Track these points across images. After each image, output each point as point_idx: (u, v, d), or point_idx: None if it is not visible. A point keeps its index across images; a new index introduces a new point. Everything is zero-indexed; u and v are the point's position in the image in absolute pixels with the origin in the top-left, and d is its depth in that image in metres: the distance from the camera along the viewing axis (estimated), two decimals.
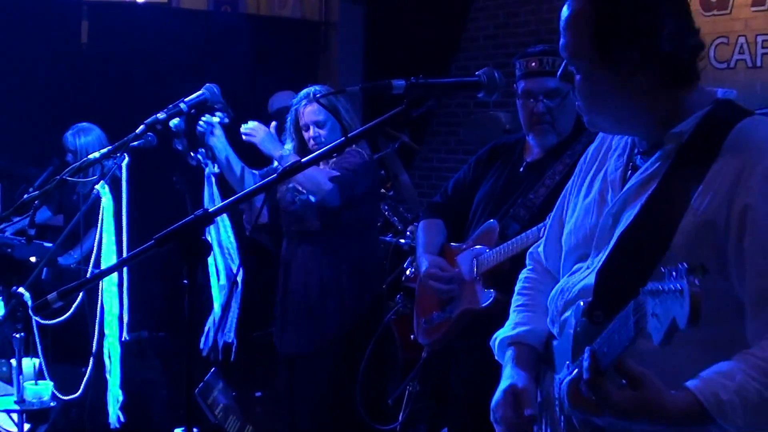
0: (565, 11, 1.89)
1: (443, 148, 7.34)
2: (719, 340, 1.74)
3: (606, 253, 1.89)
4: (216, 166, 3.79)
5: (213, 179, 3.73)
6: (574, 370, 1.82)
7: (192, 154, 3.67)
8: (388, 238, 5.61)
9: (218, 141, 3.84)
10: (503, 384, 2.06)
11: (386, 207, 5.82)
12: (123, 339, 3.34)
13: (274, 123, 4.11)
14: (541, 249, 2.30)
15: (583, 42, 1.85)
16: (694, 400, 1.64)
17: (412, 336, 5.26)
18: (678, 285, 1.45)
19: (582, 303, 1.87)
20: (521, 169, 3.38)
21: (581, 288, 1.95)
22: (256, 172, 4.16)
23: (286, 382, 4.19)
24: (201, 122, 3.78)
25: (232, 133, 3.95)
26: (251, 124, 4.01)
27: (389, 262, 5.51)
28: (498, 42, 7.05)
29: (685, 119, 1.85)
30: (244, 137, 4.00)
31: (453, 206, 3.66)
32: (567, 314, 1.97)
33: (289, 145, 4.07)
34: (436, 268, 3.48)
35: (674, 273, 1.48)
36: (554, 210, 2.25)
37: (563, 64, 1.93)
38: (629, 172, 1.96)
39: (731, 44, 5.61)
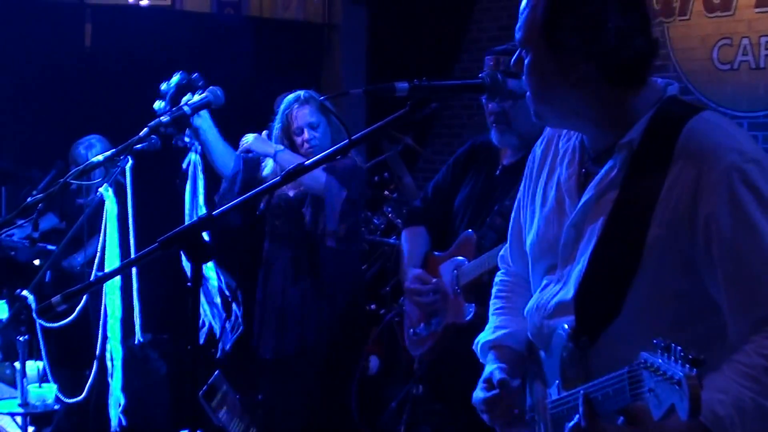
0: (524, 1, 1.91)
1: (446, 149, 7.33)
2: (700, 339, 1.75)
3: (579, 274, 1.89)
4: (200, 150, 3.70)
5: (199, 168, 3.64)
6: (567, 402, 1.84)
7: (179, 135, 3.58)
8: (391, 240, 5.61)
9: (204, 122, 3.72)
10: (480, 379, 2.11)
11: (389, 209, 5.83)
12: (137, 341, 3.34)
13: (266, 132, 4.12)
14: (507, 253, 2.31)
15: (533, 26, 1.87)
16: (694, 421, 1.63)
17: None
18: (675, 375, 1.46)
19: (566, 326, 1.88)
20: (497, 173, 3.34)
21: (556, 304, 1.96)
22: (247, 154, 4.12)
23: (265, 387, 4.16)
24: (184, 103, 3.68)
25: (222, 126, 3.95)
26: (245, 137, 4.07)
27: (392, 264, 5.51)
28: (501, 43, 7.03)
29: (632, 123, 1.85)
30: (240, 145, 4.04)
31: (434, 211, 3.61)
32: (547, 332, 1.98)
33: (280, 147, 4.02)
34: (417, 282, 3.45)
35: (667, 350, 1.49)
36: (513, 212, 2.26)
37: (516, 53, 1.95)
38: (582, 179, 1.96)
39: (734, 45, 5.61)
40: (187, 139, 3.62)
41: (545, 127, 3.21)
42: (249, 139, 4.04)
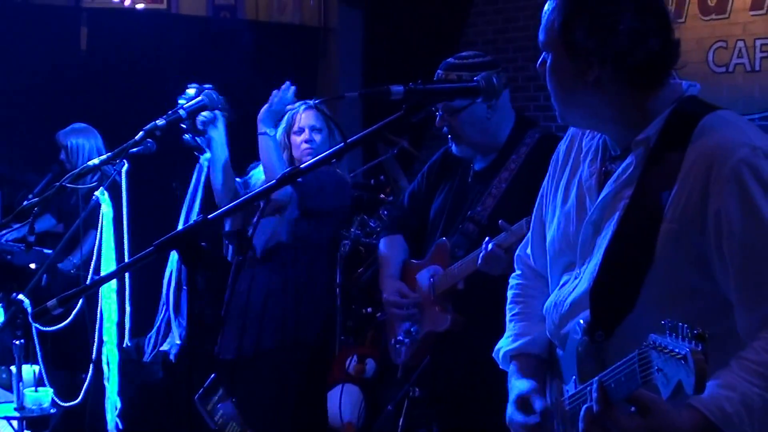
0: (547, 5, 1.94)
1: None
2: (715, 339, 1.75)
3: (594, 269, 1.91)
4: (207, 160, 3.70)
5: (203, 174, 3.64)
6: (583, 395, 1.84)
7: (191, 136, 3.57)
8: None
9: (218, 134, 3.74)
10: (511, 397, 2.09)
11: (386, 212, 5.83)
12: (124, 345, 3.34)
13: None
14: (529, 251, 2.31)
15: (552, 29, 1.90)
16: (702, 418, 1.66)
17: None
18: (682, 350, 1.49)
19: (582, 321, 1.89)
20: (470, 179, 3.34)
21: (573, 301, 1.97)
22: (239, 180, 4.12)
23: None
24: (203, 115, 3.68)
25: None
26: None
27: None
28: (497, 47, 7.06)
29: (650, 122, 1.87)
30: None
31: (410, 219, 3.61)
32: (565, 329, 1.99)
33: (276, 131, 3.99)
34: (396, 294, 3.45)
35: (675, 330, 1.52)
36: (534, 211, 2.27)
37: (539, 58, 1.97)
38: (602, 177, 1.98)
39: (730, 48, 5.63)
40: (198, 140, 3.62)
41: (498, 135, 3.26)
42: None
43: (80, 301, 3.29)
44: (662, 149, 1.84)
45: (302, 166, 2.06)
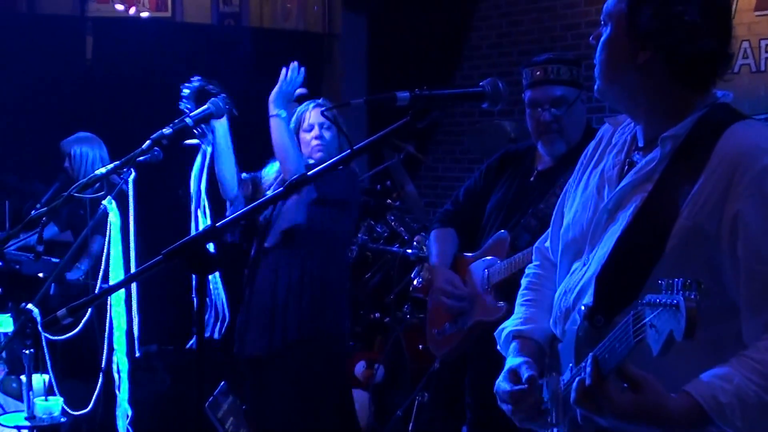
0: None
1: (448, 157, 7.35)
2: (715, 340, 1.78)
3: (604, 256, 1.93)
4: (210, 146, 3.70)
5: (206, 157, 3.63)
6: (577, 376, 1.84)
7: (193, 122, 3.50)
8: (394, 249, 5.62)
9: (220, 127, 3.75)
10: (505, 369, 2.12)
11: (392, 217, 5.84)
12: (136, 355, 3.34)
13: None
14: (547, 243, 2.33)
15: (620, 4, 1.92)
16: (694, 403, 1.68)
17: (420, 346, 5.26)
18: (674, 300, 1.51)
19: (583, 307, 1.91)
20: (532, 179, 3.38)
21: (580, 289, 1.99)
22: (246, 175, 4.13)
23: (249, 385, 4.14)
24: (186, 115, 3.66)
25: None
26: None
27: (396, 272, 5.51)
28: (501, 51, 7.06)
29: (681, 121, 1.89)
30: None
31: (465, 214, 3.65)
32: (570, 317, 2.01)
33: (283, 113, 4.01)
34: (449, 284, 3.47)
35: (670, 287, 1.53)
36: (557, 204, 2.29)
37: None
38: (626, 168, 2.00)
39: (735, 49, 5.61)
40: (203, 126, 3.60)
41: (575, 135, 3.25)
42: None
43: (89, 309, 3.30)
44: (689, 148, 1.86)
45: (309, 173, 2.07)
